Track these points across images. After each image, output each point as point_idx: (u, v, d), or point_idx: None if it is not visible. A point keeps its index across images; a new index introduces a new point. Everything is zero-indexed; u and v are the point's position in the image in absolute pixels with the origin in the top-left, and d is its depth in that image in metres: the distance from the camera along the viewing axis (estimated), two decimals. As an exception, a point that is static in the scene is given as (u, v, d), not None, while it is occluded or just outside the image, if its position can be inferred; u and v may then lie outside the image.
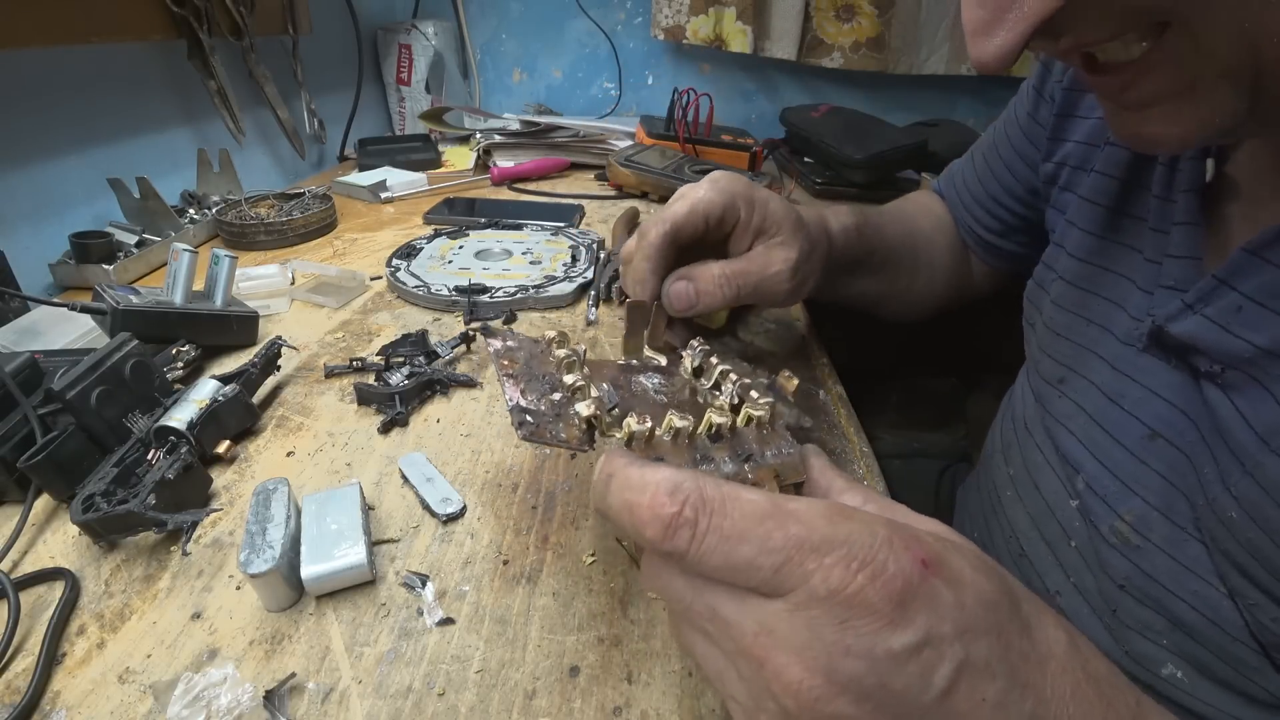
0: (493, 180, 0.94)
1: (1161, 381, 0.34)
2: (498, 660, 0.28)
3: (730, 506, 0.18)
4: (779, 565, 0.17)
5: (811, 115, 1.06)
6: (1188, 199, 0.34)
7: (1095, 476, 0.37)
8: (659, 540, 0.18)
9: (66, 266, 0.60)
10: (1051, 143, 0.46)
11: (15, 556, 0.33)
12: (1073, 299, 0.41)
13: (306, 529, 0.31)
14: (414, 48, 1.18)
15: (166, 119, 0.77)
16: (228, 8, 0.78)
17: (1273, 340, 0.28)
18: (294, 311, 0.57)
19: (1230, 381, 0.30)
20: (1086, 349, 0.40)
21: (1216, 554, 0.31)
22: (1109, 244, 0.40)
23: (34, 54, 0.60)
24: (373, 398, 0.44)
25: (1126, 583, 0.35)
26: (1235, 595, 0.30)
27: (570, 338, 0.31)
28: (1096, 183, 0.41)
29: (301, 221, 0.71)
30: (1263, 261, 0.28)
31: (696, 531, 0.18)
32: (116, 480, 0.33)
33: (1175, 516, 0.33)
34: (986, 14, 0.24)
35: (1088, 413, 0.38)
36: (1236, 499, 0.29)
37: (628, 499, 0.19)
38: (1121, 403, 0.36)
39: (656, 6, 1.23)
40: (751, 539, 0.18)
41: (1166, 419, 0.34)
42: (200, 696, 0.26)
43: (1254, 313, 0.29)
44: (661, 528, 0.18)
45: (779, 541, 0.17)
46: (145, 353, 0.40)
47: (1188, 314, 0.31)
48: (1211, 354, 0.31)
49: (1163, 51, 0.24)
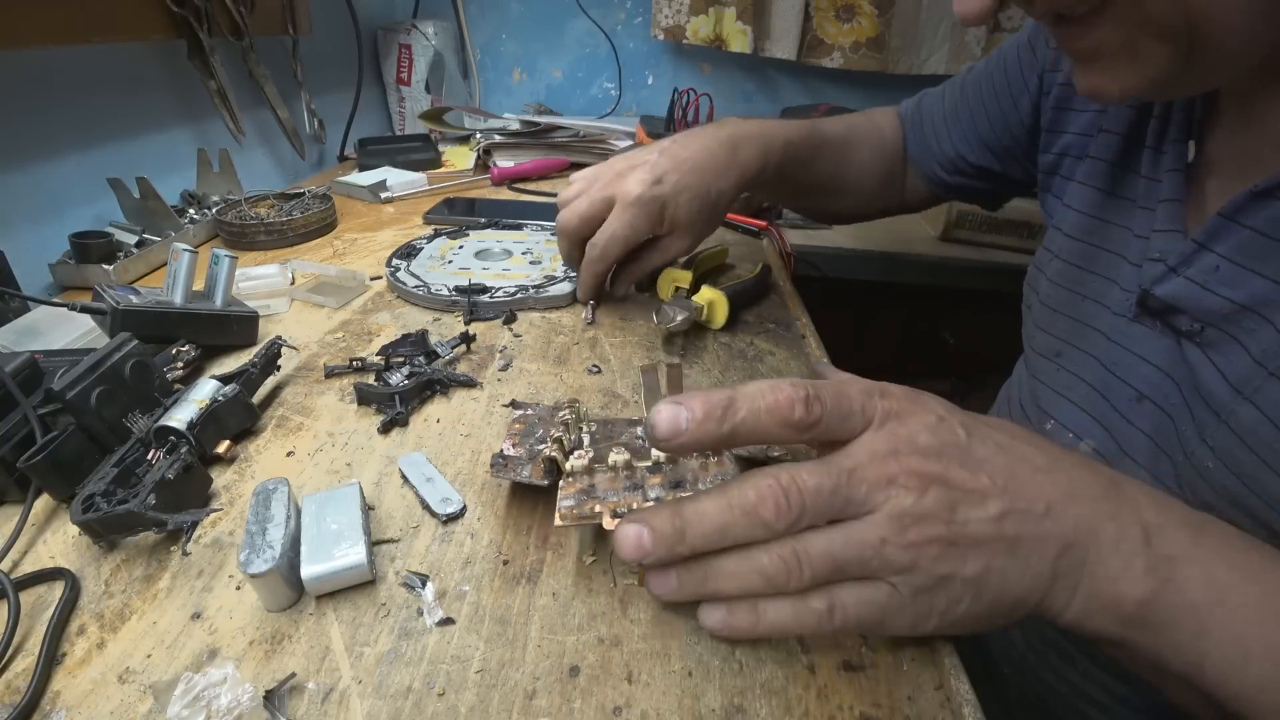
0: (493, 180, 0.94)
1: (1149, 347, 0.38)
2: (498, 660, 0.28)
3: (818, 383, 0.26)
4: (861, 405, 0.26)
5: (811, 115, 1.06)
6: (1171, 178, 0.37)
7: (1101, 440, 0.40)
8: (805, 416, 0.25)
9: (66, 266, 0.60)
10: (1049, 135, 0.49)
11: (15, 556, 0.33)
12: (1070, 277, 0.45)
13: (306, 529, 0.31)
14: (414, 48, 1.18)
15: (166, 119, 0.77)
16: (228, 8, 0.78)
17: (1248, 295, 0.32)
18: (294, 311, 0.57)
19: (1208, 339, 0.34)
20: (1083, 323, 0.43)
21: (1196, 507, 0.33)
22: (1102, 224, 0.43)
23: (34, 54, 0.60)
24: (373, 398, 0.44)
25: None
26: None
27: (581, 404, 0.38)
28: (1091, 168, 0.45)
29: (301, 221, 0.71)
30: (1236, 224, 0.32)
31: (823, 401, 0.25)
32: (116, 480, 0.33)
33: (1160, 475, 0.36)
34: None
35: (1087, 382, 0.42)
36: (1212, 449, 0.32)
37: (765, 403, 0.25)
38: (1115, 370, 0.40)
39: (656, 6, 1.23)
40: (843, 395, 0.26)
41: (1153, 382, 0.37)
42: (200, 696, 0.26)
43: (1230, 271, 0.33)
44: (804, 405, 0.25)
45: (856, 392, 0.26)
46: (145, 353, 0.40)
47: (1171, 276, 0.35)
48: (1192, 312, 0.34)
49: (1111, 9, 0.28)
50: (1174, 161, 0.37)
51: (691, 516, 0.25)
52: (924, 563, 0.24)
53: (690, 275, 0.56)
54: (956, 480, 0.25)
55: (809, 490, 0.24)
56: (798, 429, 0.25)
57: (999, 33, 1.21)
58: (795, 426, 0.25)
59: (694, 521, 0.25)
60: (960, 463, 0.25)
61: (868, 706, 0.26)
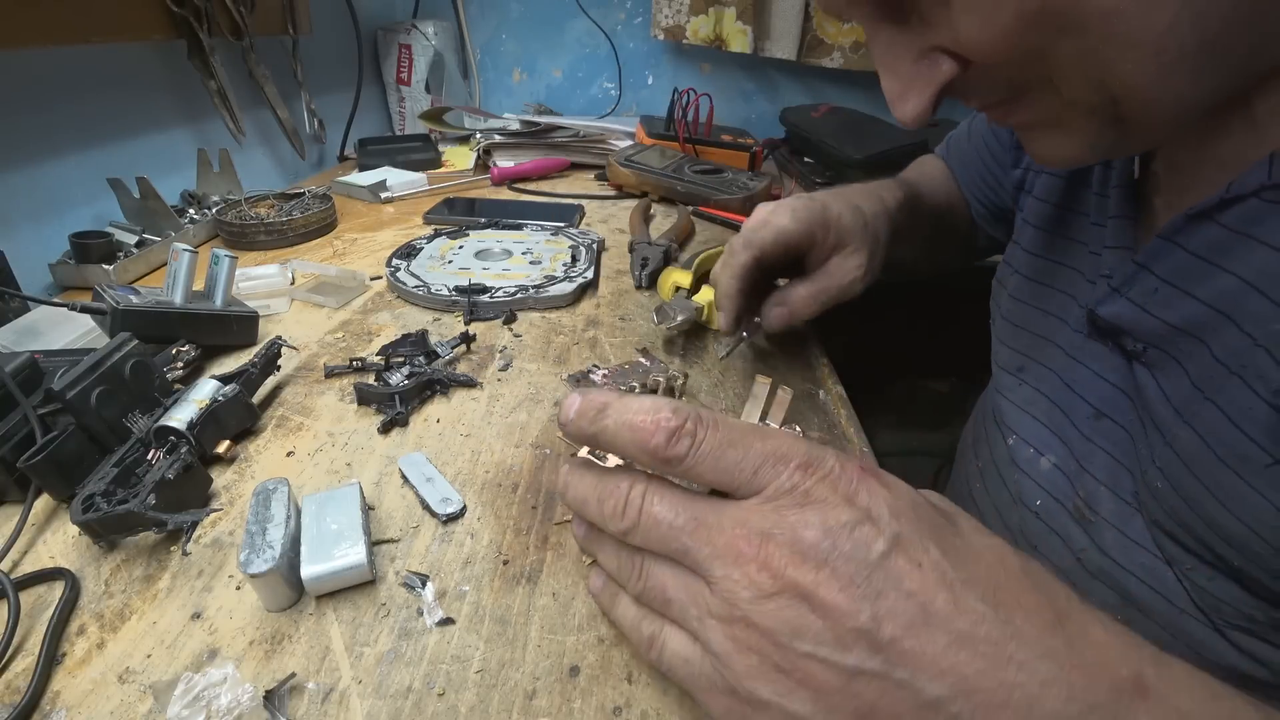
0: (493, 180, 0.93)
1: (1105, 365, 0.37)
2: (498, 660, 0.28)
3: (720, 425, 0.22)
4: (757, 467, 0.21)
5: (811, 115, 1.06)
6: (1119, 193, 0.37)
7: (1061, 456, 0.40)
8: (663, 448, 0.22)
9: (66, 266, 0.60)
10: (1017, 150, 0.50)
11: (15, 556, 0.33)
12: (1029, 292, 0.44)
13: (306, 529, 0.31)
14: (414, 48, 1.17)
15: (166, 119, 0.77)
16: (228, 8, 0.78)
17: (1182, 318, 0.31)
18: (294, 311, 0.57)
19: (1152, 360, 0.33)
20: (1043, 338, 0.42)
21: (1150, 525, 0.33)
22: (1059, 239, 0.43)
23: (34, 54, 0.60)
24: (373, 398, 0.44)
25: (1082, 556, 0.37)
26: (1172, 563, 0.33)
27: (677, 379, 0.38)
28: (1046, 182, 0.44)
29: (301, 221, 0.71)
30: (1174, 245, 0.32)
31: (695, 440, 0.22)
32: (116, 480, 0.33)
33: (1121, 492, 0.35)
34: (899, 85, 0.29)
35: (1048, 397, 0.41)
36: (1160, 469, 0.32)
37: (629, 420, 0.22)
38: (1074, 386, 0.39)
39: (656, 6, 1.23)
40: (739, 445, 0.22)
41: (1110, 399, 0.37)
42: (200, 696, 0.26)
43: (1167, 293, 0.32)
44: (667, 437, 0.22)
45: (757, 450, 0.21)
46: (145, 353, 0.40)
47: (1115, 297, 0.35)
48: (1135, 333, 0.34)
49: (1029, 96, 0.28)
50: (1120, 177, 0.37)
51: (571, 478, 0.25)
52: (740, 669, 0.21)
53: (691, 275, 0.56)
54: (823, 600, 0.19)
55: (649, 516, 0.22)
56: (654, 458, 0.22)
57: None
58: (651, 454, 0.22)
59: (571, 483, 0.25)
60: (845, 582, 0.19)
61: (868, 706, 0.26)
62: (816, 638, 0.19)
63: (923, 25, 0.27)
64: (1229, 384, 0.28)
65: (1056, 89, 0.27)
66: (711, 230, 0.79)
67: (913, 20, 0.28)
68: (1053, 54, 0.25)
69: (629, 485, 0.23)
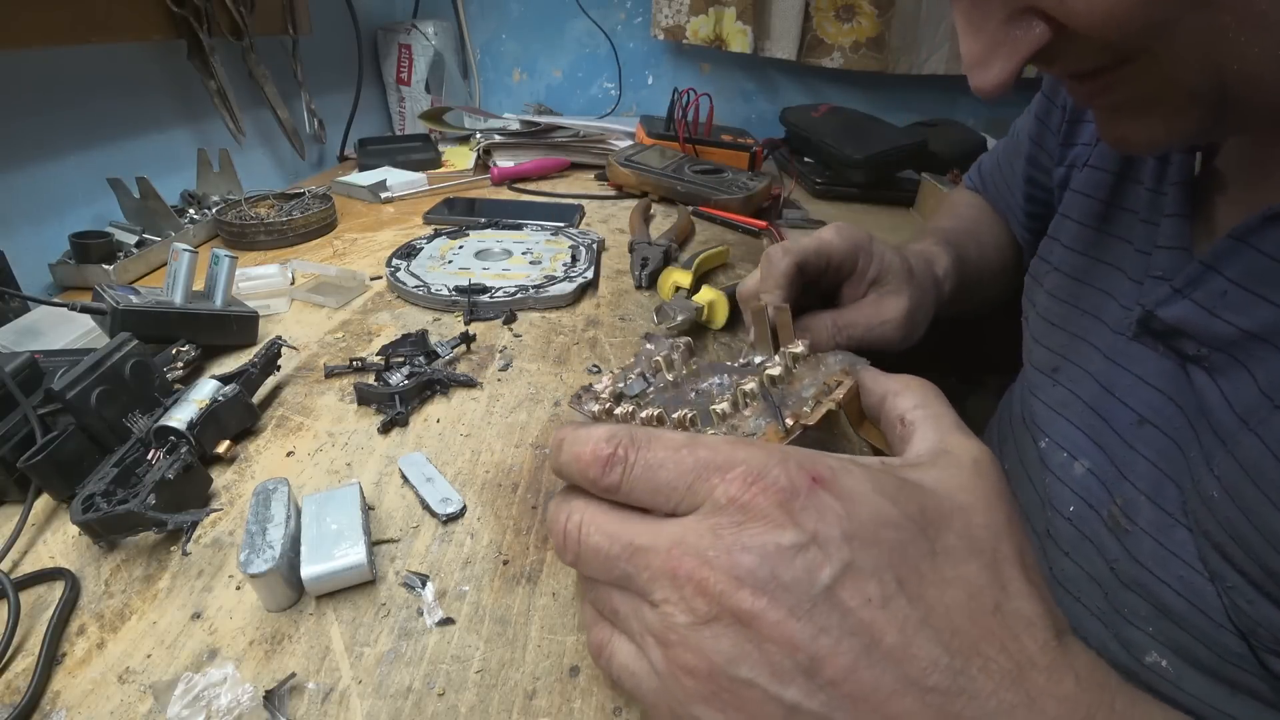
0: (493, 180, 0.93)
1: (1150, 369, 0.35)
2: (498, 660, 0.28)
3: (654, 442, 0.21)
4: (690, 483, 0.20)
5: (811, 115, 1.06)
6: (1177, 191, 0.35)
7: (1097, 462, 0.38)
8: (599, 477, 0.21)
9: (66, 266, 0.60)
10: (1063, 149, 0.48)
11: (15, 556, 0.33)
12: (1067, 289, 0.43)
13: (306, 529, 0.31)
14: (414, 48, 1.17)
15: (166, 119, 0.77)
16: (228, 8, 0.78)
17: (1255, 322, 0.29)
18: (294, 311, 0.57)
19: (1215, 364, 0.31)
20: (1080, 338, 0.41)
21: (1199, 536, 0.32)
22: (1102, 235, 0.41)
23: (34, 54, 0.60)
24: (373, 398, 0.44)
25: (1115, 565, 0.36)
26: (1215, 578, 0.31)
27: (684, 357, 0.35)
28: (1090, 176, 0.42)
29: (301, 221, 0.71)
30: (1247, 246, 0.30)
31: (627, 465, 0.21)
32: (116, 480, 0.33)
33: (1163, 502, 0.34)
34: (981, 47, 0.26)
35: (1083, 400, 0.39)
36: (1218, 479, 0.30)
37: (574, 451, 0.22)
38: (1114, 390, 0.37)
39: (656, 6, 1.23)
40: (669, 464, 0.21)
41: (1155, 406, 0.35)
42: (200, 696, 0.26)
43: (1238, 296, 0.30)
44: (600, 466, 0.21)
45: (689, 464, 0.20)
46: (145, 353, 0.40)
47: (1176, 299, 0.33)
48: (1199, 337, 0.32)
49: (1133, 70, 0.26)
50: (1179, 174, 0.35)
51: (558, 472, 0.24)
52: (679, 692, 0.20)
53: (691, 275, 0.56)
54: (761, 630, 0.18)
55: (586, 547, 0.22)
56: (595, 487, 0.22)
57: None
58: (592, 484, 0.22)
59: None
60: (785, 614, 0.18)
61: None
62: (754, 667, 0.18)
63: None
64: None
65: (1160, 66, 0.24)
66: (711, 230, 0.79)
67: None
68: (1174, 30, 0.23)
69: (566, 516, 0.23)
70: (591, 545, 0.22)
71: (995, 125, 1.21)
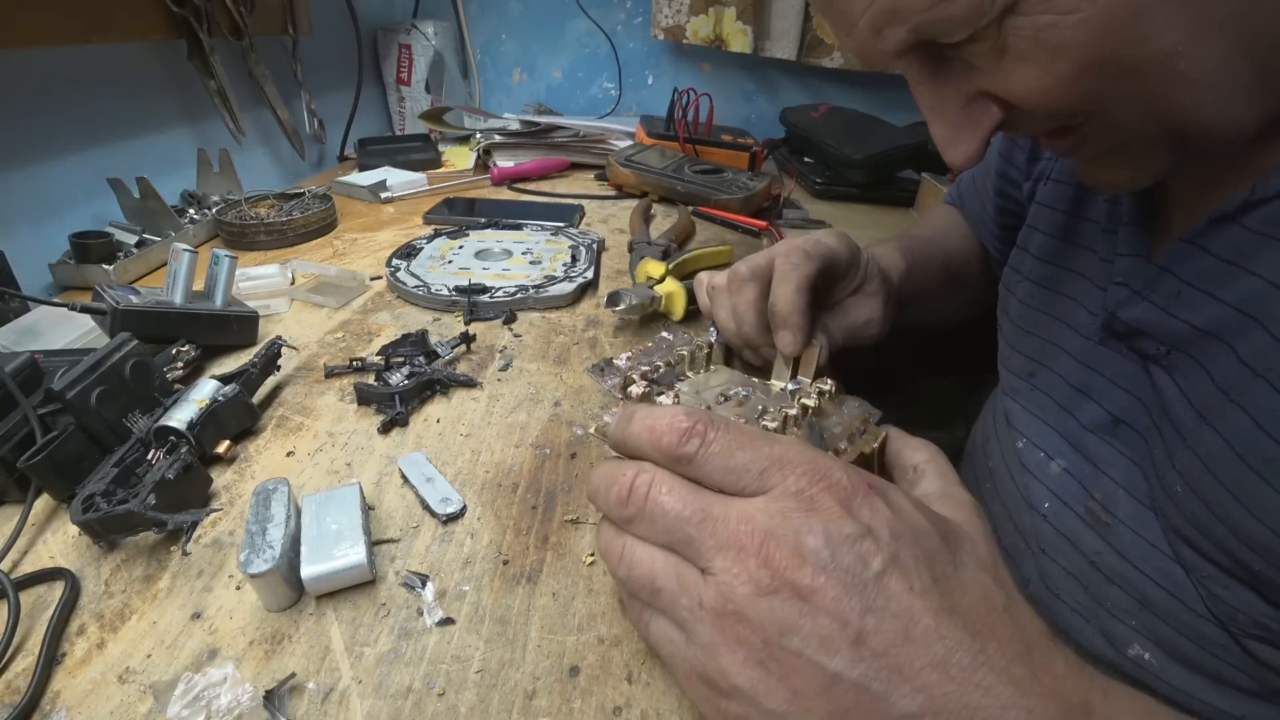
0: (493, 180, 0.94)
1: (1119, 371, 0.37)
2: (498, 660, 0.28)
3: (732, 427, 0.23)
4: (764, 469, 0.22)
5: (811, 115, 1.06)
6: (1132, 201, 0.37)
7: (1072, 461, 0.40)
8: (674, 446, 0.23)
9: (66, 266, 0.60)
10: (1030, 163, 0.50)
11: (15, 556, 0.33)
12: (1038, 298, 0.45)
13: (306, 529, 0.31)
14: (414, 48, 1.18)
15: (166, 119, 0.77)
16: (228, 8, 0.78)
17: (1207, 320, 0.31)
18: (294, 311, 0.57)
19: (1173, 363, 0.33)
20: (1052, 343, 0.43)
21: (1168, 531, 0.33)
22: (1067, 245, 0.43)
23: (34, 54, 0.60)
24: (373, 398, 0.44)
25: (1097, 559, 0.37)
26: (1189, 570, 0.33)
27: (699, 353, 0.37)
28: (1053, 190, 0.45)
29: (301, 221, 0.71)
30: (1197, 249, 0.32)
31: (705, 440, 0.23)
32: (116, 480, 0.33)
33: (1139, 495, 0.35)
34: (948, 130, 0.30)
35: (1057, 402, 0.41)
36: (1180, 473, 0.32)
37: (648, 422, 0.24)
38: (1089, 392, 0.39)
39: (656, 6, 1.23)
40: (746, 448, 0.23)
41: (1125, 406, 0.37)
42: (200, 696, 0.26)
43: (1190, 296, 0.32)
44: (678, 436, 0.23)
45: (765, 453, 0.22)
46: (145, 353, 0.40)
47: (1136, 300, 0.35)
48: (1157, 336, 0.34)
49: (1093, 127, 0.29)
50: None
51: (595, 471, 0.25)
52: (724, 661, 0.21)
53: (665, 267, 0.57)
54: (818, 604, 0.20)
55: (655, 504, 0.23)
56: (666, 456, 0.23)
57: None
58: (665, 454, 0.23)
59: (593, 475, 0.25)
60: (841, 591, 0.20)
61: (868, 706, 0.26)
62: (805, 638, 0.20)
63: (968, 71, 0.28)
64: (1255, 387, 0.28)
65: (1113, 122, 0.28)
66: (712, 230, 0.79)
67: (955, 66, 0.28)
68: (1111, 96, 0.26)
69: (635, 472, 0.23)
70: (660, 504, 0.23)
71: (995, 125, 1.21)
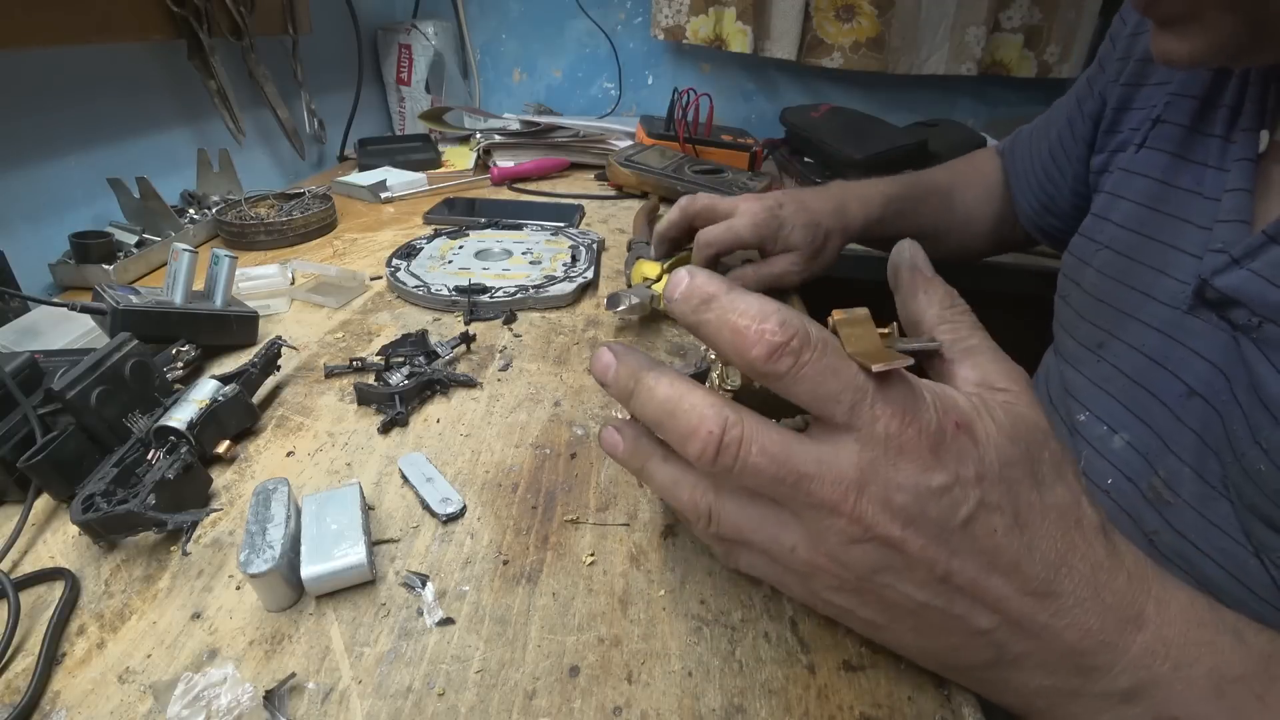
0: (493, 180, 0.94)
1: (1204, 343, 0.36)
2: (498, 660, 0.28)
3: (830, 349, 0.21)
4: (855, 402, 0.21)
5: (811, 115, 1.06)
6: (1241, 167, 0.37)
7: (1138, 435, 0.39)
8: (762, 361, 0.21)
9: (66, 266, 0.60)
10: (1105, 136, 0.50)
11: (15, 556, 0.33)
12: (1118, 267, 0.44)
13: (306, 529, 0.31)
14: (414, 48, 1.18)
15: (166, 119, 0.77)
16: (228, 8, 0.78)
17: None
18: (294, 311, 0.57)
19: (1265, 335, 0.33)
20: (1127, 314, 0.42)
21: (1242, 510, 0.33)
22: (1157, 215, 0.42)
23: (34, 54, 0.60)
24: (373, 398, 0.44)
25: (1155, 537, 0.37)
26: (1261, 551, 0.32)
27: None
28: (1147, 158, 0.44)
29: (301, 221, 0.71)
30: None
31: (799, 360, 0.21)
32: (116, 480, 0.33)
33: (1206, 475, 0.35)
34: None
35: (1127, 375, 0.41)
36: (1266, 451, 0.31)
37: (734, 321, 0.21)
38: (1165, 364, 0.39)
39: (656, 6, 1.23)
40: (840, 375, 0.21)
41: (1205, 378, 0.36)
42: (200, 696, 0.26)
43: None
44: (768, 350, 0.21)
45: (857, 383, 0.21)
46: (145, 353, 0.40)
47: (1234, 268, 0.34)
48: (1252, 306, 0.33)
49: None
50: (1244, 151, 0.37)
51: (642, 390, 0.24)
52: (819, 585, 0.24)
53: (660, 267, 0.57)
54: (906, 552, 0.22)
55: (747, 463, 0.22)
56: (750, 367, 0.21)
57: (998, 33, 1.21)
58: (748, 362, 0.21)
59: (640, 394, 0.24)
60: (928, 539, 0.22)
61: (868, 706, 0.26)
62: (896, 575, 0.22)
63: None
64: None
65: None
66: (711, 230, 0.79)
67: None
68: None
69: (722, 427, 0.22)
70: (753, 465, 0.22)
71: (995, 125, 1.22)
